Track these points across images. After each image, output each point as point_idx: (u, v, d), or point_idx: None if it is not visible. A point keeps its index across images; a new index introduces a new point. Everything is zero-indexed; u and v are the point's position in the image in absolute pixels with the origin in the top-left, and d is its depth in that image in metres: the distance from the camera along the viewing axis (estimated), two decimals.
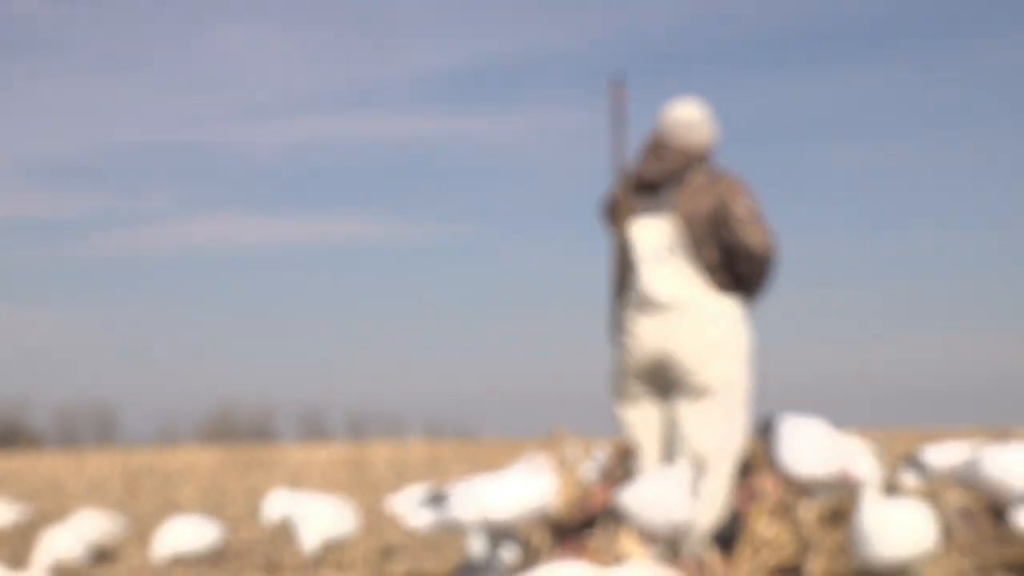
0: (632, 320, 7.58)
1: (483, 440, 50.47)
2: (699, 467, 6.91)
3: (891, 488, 7.16)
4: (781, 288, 7.69)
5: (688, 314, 7.41)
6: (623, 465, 7.43)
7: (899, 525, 5.85)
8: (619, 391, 7.76)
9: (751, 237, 7.29)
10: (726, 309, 7.51)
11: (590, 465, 7.95)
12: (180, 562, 10.75)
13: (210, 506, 19.01)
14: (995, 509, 7.40)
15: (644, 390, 7.66)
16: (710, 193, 7.40)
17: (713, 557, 6.98)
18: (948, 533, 6.96)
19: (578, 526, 7.26)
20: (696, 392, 7.44)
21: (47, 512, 18.04)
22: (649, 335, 7.48)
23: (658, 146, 7.62)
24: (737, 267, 7.44)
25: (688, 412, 7.46)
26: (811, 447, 7.14)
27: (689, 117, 7.65)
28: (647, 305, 7.48)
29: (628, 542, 7.15)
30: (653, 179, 7.55)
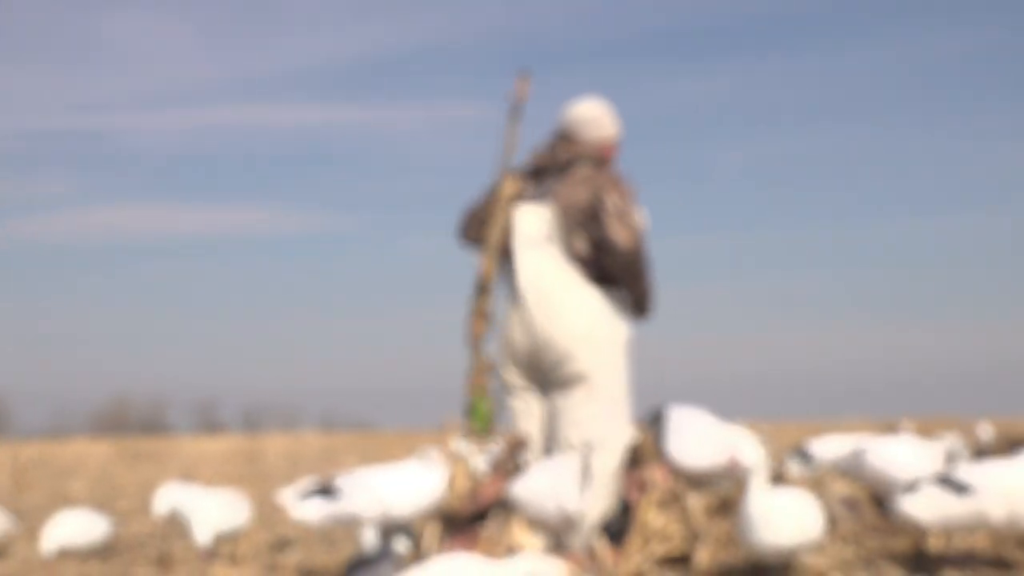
0: (506, 309, 7.66)
1: (379, 432, 50.35)
2: (584, 458, 6.96)
3: (778, 479, 7.28)
4: (669, 281, 7.78)
5: (555, 303, 7.47)
6: (514, 457, 7.47)
7: (784, 514, 5.95)
8: (502, 382, 7.80)
9: (616, 233, 7.36)
10: (593, 299, 7.56)
11: (482, 457, 7.99)
12: (69, 556, 10.64)
13: (101, 499, 18.80)
14: (879, 499, 7.54)
15: (523, 382, 7.72)
16: (588, 186, 7.48)
17: (603, 547, 7.04)
18: (833, 523, 7.09)
19: (470, 518, 7.28)
20: (568, 383, 7.48)
21: None
22: (521, 324, 7.55)
23: (559, 139, 7.72)
24: (603, 261, 7.49)
25: (563, 403, 7.53)
26: (699, 438, 7.24)
27: (590, 114, 7.78)
28: (518, 293, 7.56)
29: (519, 533, 7.19)
30: (544, 168, 7.66)
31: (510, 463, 7.41)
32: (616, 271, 7.50)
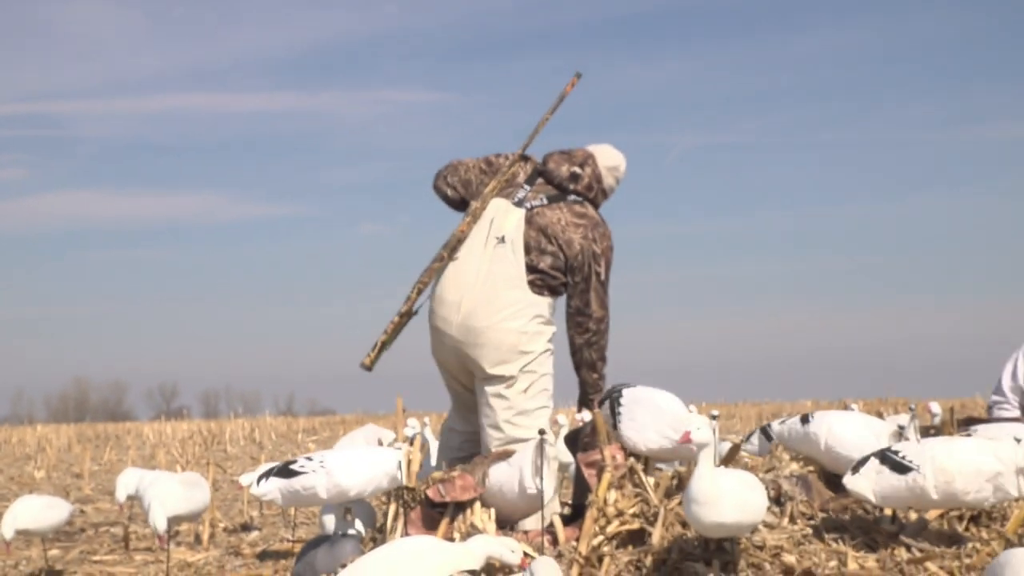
0: (450, 296, 7.85)
1: (337, 417, 50.34)
2: (540, 443, 7.04)
3: (730, 458, 7.38)
4: (629, 266, 8.12)
5: (502, 299, 7.71)
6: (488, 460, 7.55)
7: (728, 494, 6.03)
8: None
9: (595, 302, 7.75)
10: (535, 303, 7.78)
11: (426, 437, 8.15)
12: (31, 540, 10.67)
13: (62, 483, 18.79)
14: (829, 477, 7.66)
15: (451, 366, 8.01)
16: (585, 234, 7.76)
17: (560, 526, 7.14)
18: (785, 500, 7.20)
19: (429, 501, 7.37)
20: (505, 376, 7.77)
21: None
22: (464, 308, 7.76)
23: (580, 157, 7.98)
24: (569, 306, 7.85)
25: (504, 393, 7.80)
26: (653, 418, 7.33)
27: (613, 159, 8.07)
28: (470, 279, 7.76)
29: (478, 515, 7.28)
30: (547, 175, 7.94)
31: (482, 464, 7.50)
32: (580, 328, 7.84)
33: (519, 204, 7.84)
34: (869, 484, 6.61)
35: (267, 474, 7.46)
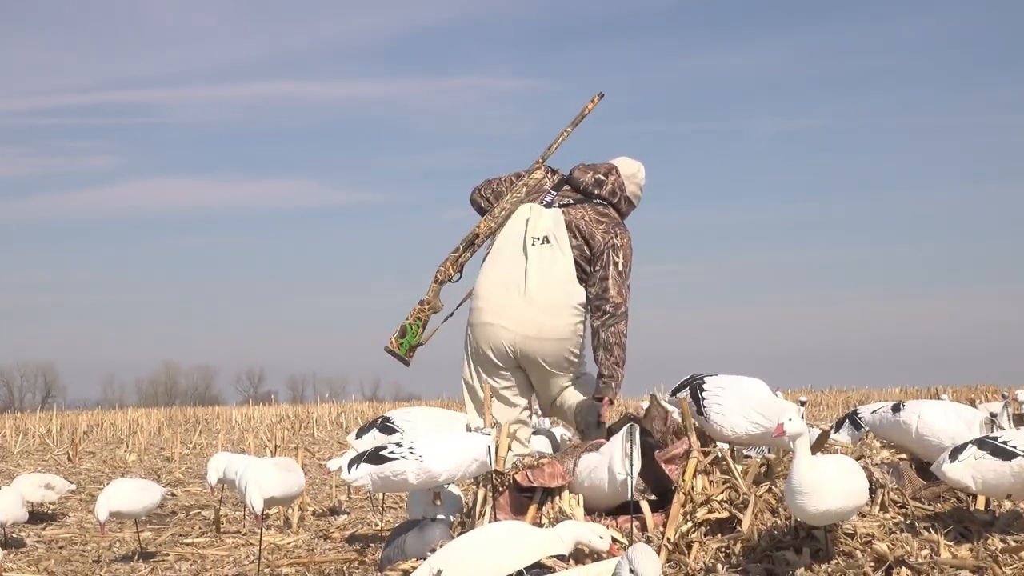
0: (499, 299, 8.31)
1: (422, 402, 50.55)
2: (629, 429, 7.05)
3: (819, 445, 7.33)
4: (714, 254, 8.46)
5: (556, 297, 8.20)
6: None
7: (829, 481, 5.99)
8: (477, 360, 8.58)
9: (612, 288, 8.12)
10: (580, 295, 8.27)
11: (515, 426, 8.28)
12: (124, 523, 10.83)
13: (153, 467, 19.04)
14: (921, 465, 7.58)
15: (507, 362, 8.39)
16: (607, 230, 8.21)
17: (648, 514, 7.13)
18: (875, 489, 7.14)
19: (518, 486, 7.39)
20: (566, 367, 8.37)
21: None
22: (523, 310, 8.23)
23: (603, 168, 8.43)
24: (589, 292, 8.25)
25: (569, 384, 8.42)
26: (740, 404, 7.30)
27: (631, 168, 8.52)
28: (525, 282, 8.23)
29: (566, 501, 7.29)
30: (575, 183, 8.39)
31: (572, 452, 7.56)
32: (598, 311, 8.18)
33: (548, 206, 8.28)
34: (969, 471, 6.52)
35: (357, 460, 7.48)
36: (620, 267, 8.10)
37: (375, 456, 7.40)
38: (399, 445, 7.41)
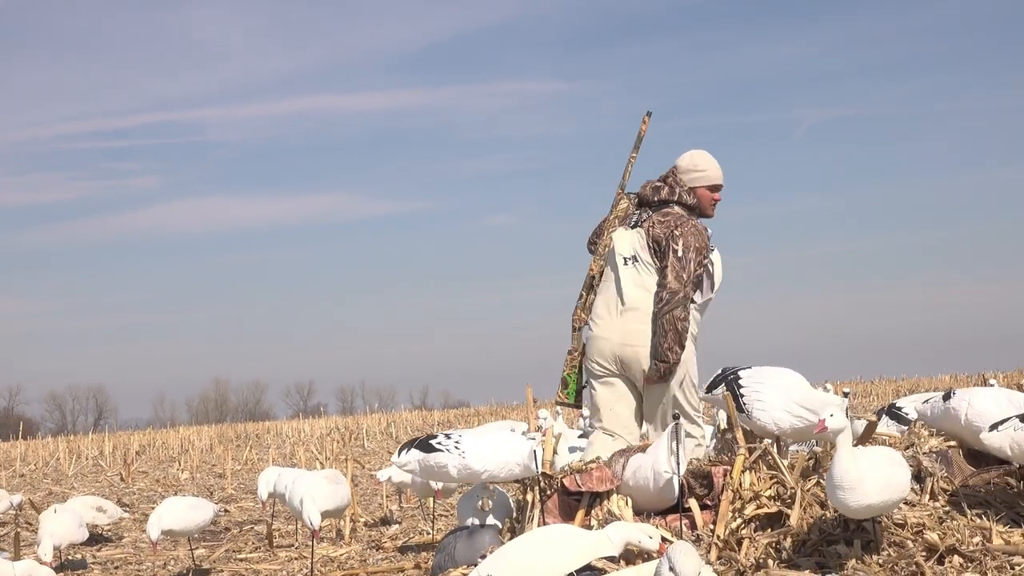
0: (602, 309, 8.51)
1: (470, 409, 50.61)
2: (675, 428, 7.06)
3: (866, 436, 7.30)
4: (759, 245, 8.54)
5: (643, 312, 8.33)
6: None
7: (871, 474, 5.97)
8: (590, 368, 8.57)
9: (671, 275, 8.24)
10: None
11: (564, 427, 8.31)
12: (178, 541, 10.91)
13: (206, 484, 19.16)
14: (971, 452, 7.54)
15: (611, 369, 8.45)
16: (669, 225, 8.40)
17: (697, 513, 7.12)
18: (925, 478, 7.10)
19: (566, 490, 7.40)
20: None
21: (46, 496, 18.19)
22: (617, 325, 8.40)
23: (664, 180, 8.60)
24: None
25: (657, 389, 8.34)
26: (781, 397, 7.28)
27: (691, 163, 8.64)
28: (618, 300, 8.44)
29: (615, 503, 7.30)
30: (646, 199, 8.60)
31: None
32: (655, 303, 8.33)
33: (632, 227, 8.57)
34: (1007, 440, 6.56)
35: (409, 445, 7.72)
36: (679, 253, 8.28)
37: (424, 444, 7.69)
38: (448, 437, 7.63)
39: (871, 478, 5.94)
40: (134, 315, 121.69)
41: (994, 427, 6.65)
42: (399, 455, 7.77)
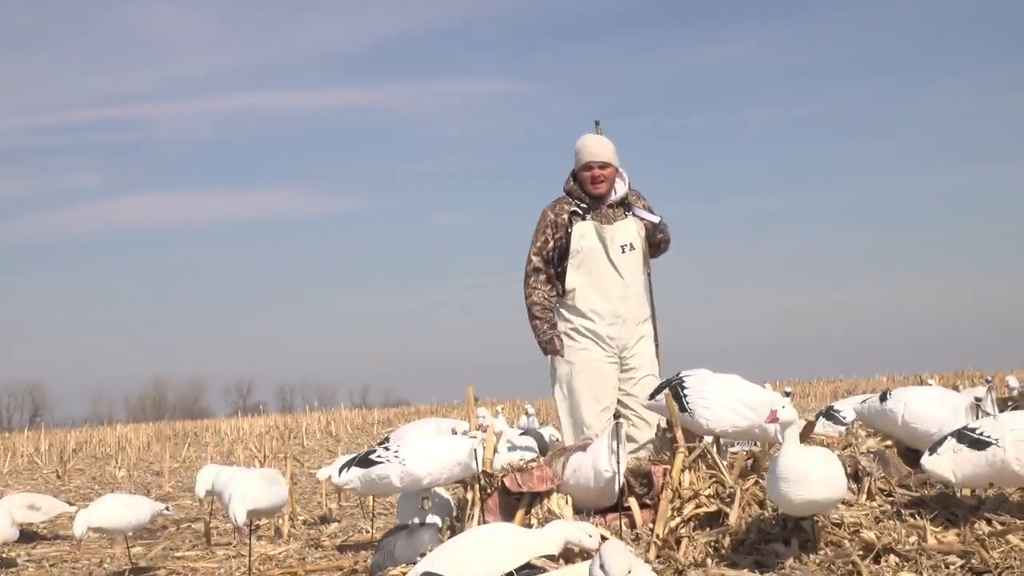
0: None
1: (411, 408, 50.48)
2: (616, 426, 7.08)
3: (804, 436, 7.35)
4: (698, 245, 8.72)
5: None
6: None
7: (815, 470, 6.00)
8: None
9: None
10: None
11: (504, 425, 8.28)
12: (114, 538, 10.80)
13: (143, 482, 19.02)
14: (908, 452, 7.60)
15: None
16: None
17: (636, 512, 7.14)
18: (862, 477, 7.15)
19: (506, 489, 7.40)
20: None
21: None
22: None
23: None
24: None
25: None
26: (725, 397, 7.31)
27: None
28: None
29: (557, 501, 7.30)
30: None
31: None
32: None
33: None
34: (948, 464, 6.54)
35: (348, 464, 7.68)
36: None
37: (364, 460, 7.66)
38: (386, 449, 7.58)
39: (815, 474, 5.98)
40: (72, 312, 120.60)
41: (932, 449, 6.65)
42: (340, 475, 7.72)
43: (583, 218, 8.65)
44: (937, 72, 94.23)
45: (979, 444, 6.48)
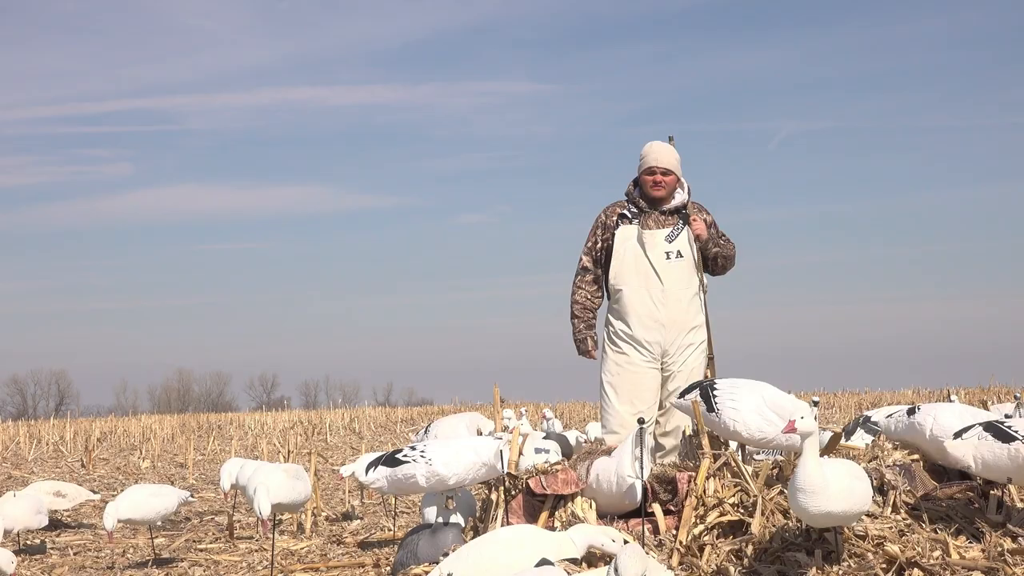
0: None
1: (434, 407, 50.53)
2: (640, 431, 7.08)
3: (831, 447, 7.33)
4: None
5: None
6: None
7: (835, 483, 5.99)
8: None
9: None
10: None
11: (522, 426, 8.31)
12: (138, 530, 10.85)
13: (167, 473, 19.08)
14: (934, 466, 7.58)
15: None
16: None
17: (660, 517, 7.13)
18: (887, 490, 7.13)
19: (531, 491, 7.40)
20: None
21: (5, 480, 18.07)
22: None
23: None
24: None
25: None
26: (755, 404, 7.29)
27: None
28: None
29: (578, 505, 7.31)
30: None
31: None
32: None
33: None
34: (970, 449, 6.57)
35: (376, 463, 7.70)
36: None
37: (391, 459, 7.70)
38: (412, 448, 7.60)
39: (835, 486, 5.95)
40: (99, 301, 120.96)
41: (958, 434, 6.68)
42: (367, 474, 7.78)
43: (630, 222, 8.79)
44: (968, 87, 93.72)
45: (1005, 436, 6.52)
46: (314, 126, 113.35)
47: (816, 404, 7.58)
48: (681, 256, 8.71)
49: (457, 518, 7.66)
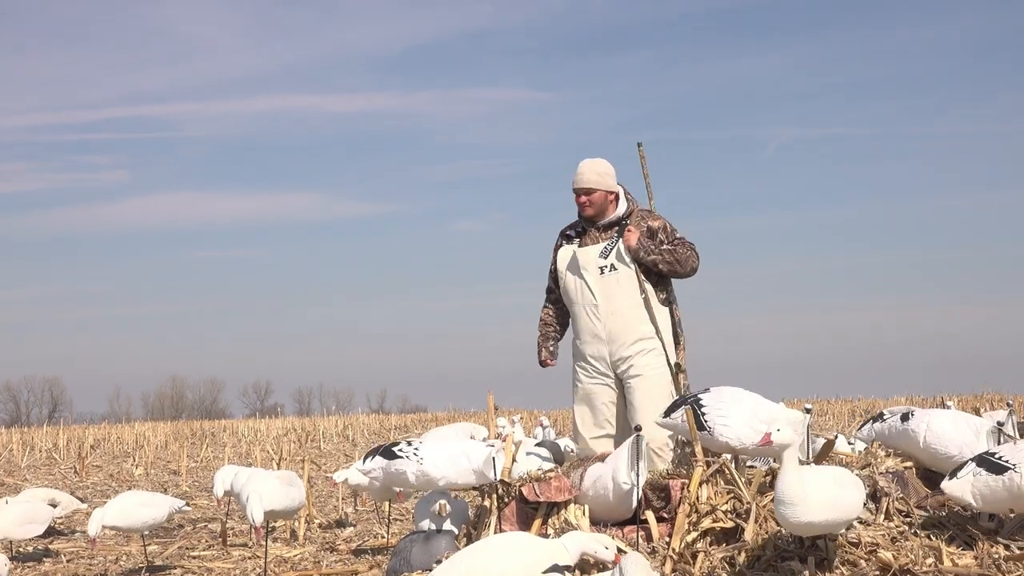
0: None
1: (427, 414, 50.55)
2: (636, 439, 7.09)
3: (823, 455, 7.34)
4: (730, 259, 8.66)
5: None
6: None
7: (816, 492, 5.99)
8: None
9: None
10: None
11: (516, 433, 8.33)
12: (130, 536, 10.84)
13: (160, 480, 19.07)
14: (927, 473, 7.59)
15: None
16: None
17: (653, 525, 7.13)
18: (880, 497, 7.14)
19: (524, 498, 7.40)
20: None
21: None
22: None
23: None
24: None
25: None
26: (744, 414, 7.29)
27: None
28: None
29: (572, 512, 7.30)
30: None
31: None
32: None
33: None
34: (968, 487, 6.54)
35: (373, 452, 7.96)
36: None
37: (388, 451, 7.87)
38: (408, 444, 7.82)
39: (815, 496, 5.95)
40: (93, 308, 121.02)
41: (952, 474, 6.66)
42: (364, 462, 7.95)
43: (570, 241, 8.82)
44: (968, 94, 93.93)
45: (997, 468, 6.48)
46: (310, 133, 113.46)
47: (808, 411, 7.56)
48: (615, 269, 8.58)
49: (450, 525, 7.67)
